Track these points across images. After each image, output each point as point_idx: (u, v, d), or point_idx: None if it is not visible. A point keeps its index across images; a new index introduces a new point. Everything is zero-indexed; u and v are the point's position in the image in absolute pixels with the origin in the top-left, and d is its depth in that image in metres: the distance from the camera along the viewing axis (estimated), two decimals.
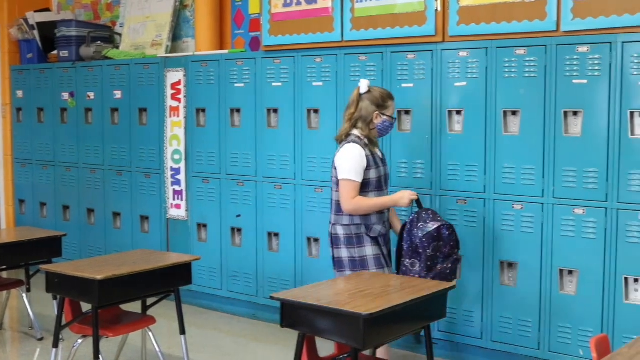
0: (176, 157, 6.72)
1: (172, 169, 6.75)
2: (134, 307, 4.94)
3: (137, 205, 7.06)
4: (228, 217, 6.41)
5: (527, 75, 4.83)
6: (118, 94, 7.11)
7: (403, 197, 4.57)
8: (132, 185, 7.07)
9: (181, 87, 6.63)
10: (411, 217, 4.58)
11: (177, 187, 6.73)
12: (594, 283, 4.68)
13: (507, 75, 4.91)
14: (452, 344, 5.25)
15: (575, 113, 4.71)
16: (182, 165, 6.69)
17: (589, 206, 4.67)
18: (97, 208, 7.41)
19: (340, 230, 4.61)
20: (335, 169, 4.57)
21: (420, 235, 4.49)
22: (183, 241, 6.72)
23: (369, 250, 4.58)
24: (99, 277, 4.33)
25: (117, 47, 7.58)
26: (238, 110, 6.30)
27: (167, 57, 6.84)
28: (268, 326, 6.15)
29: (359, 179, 4.50)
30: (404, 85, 5.34)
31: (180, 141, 6.68)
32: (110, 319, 4.75)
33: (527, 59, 4.83)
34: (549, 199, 4.80)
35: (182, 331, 4.92)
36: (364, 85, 4.62)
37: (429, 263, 4.48)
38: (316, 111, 5.84)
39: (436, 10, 5.18)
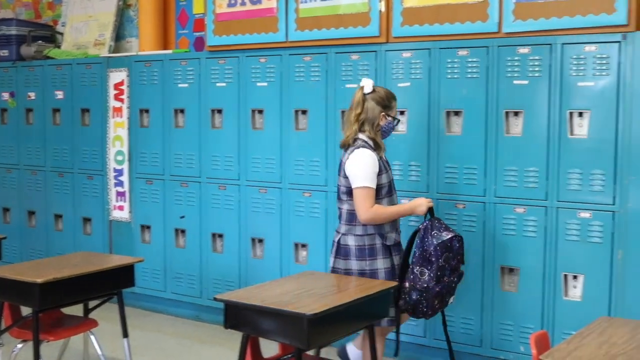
0: (119, 158, 6.65)
1: (115, 170, 6.68)
2: (76, 310, 4.86)
3: (79, 207, 6.97)
4: (172, 218, 6.36)
5: (469, 76, 4.88)
6: (60, 94, 7.01)
7: (421, 204, 4.34)
8: (74, 186, 6.98)
9: (124, 87, 6.57)
10: (425, 224, 4.33)
11: (120, 189, 6.66)
12: (534, 280, 4.75)
13: (449, 76, 4.96)
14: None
15: (516, 113, 4.77)
16: (125, 167, 6.62)
17: (529, 205, 4.74)
18: (38, 210, 7.29)
19: (351, 241, 4.32)
20: (346, 177, 4.27)
21: (435, 243, 4.25)
22: (126, 243, 6.65)
23: (381, 263, 4.33)
24: (39, 280, 4.25)
25: (59, 47, 7.48)
26: (182, 111, 6.26)
27: (110, 56, 6.77)
28: (212, 327, 6.11)
29: (374, 185, 4.23)
30: (347, 86, 5.36)
31: (124, 142, 6.61)
32: (51, 323, 4.68)
33: (470, 59, 4.88)
34: (490, 198, 4.85)
35: (125, 334, 4.87)
36: (368, 84, 4.34)
37: (438, 273, 4.26)
38: (260, 112, 5.83)
39: (380, 11, 5.21)
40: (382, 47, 5.23)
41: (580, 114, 4.56)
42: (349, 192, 4.29)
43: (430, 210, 4.38)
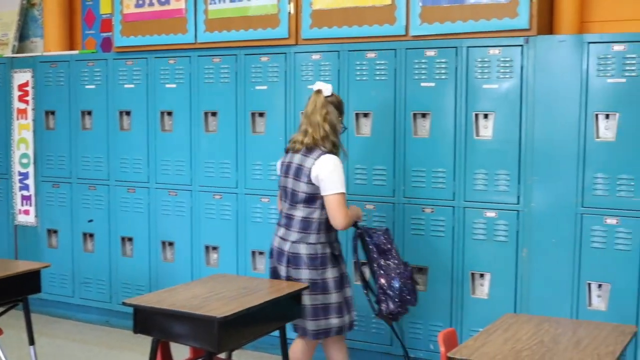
0: (24, 161, 6.49)
1: (20, 174, 6.52)
2: None
3: None
4: (80, 222, 6.25)
5: (377, 78, 4.94)
6: None
7: (354, 214, 4.31)
8: None
9: (29, 88, 6.42)
10: (359, 231, 4.37)
11: (25, 192, 6.51)
12: (442, 279, 4.84)
13: (358, 78, 5.00)
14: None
15: (423, 115, 4.85)
16: (30, 170, 6.47)
17: (437, 205, 4.82)
18: None
19: (303, 250, 4.20)
20: (310, 183, 4.15)
21: (381, 234, 4.35)
22: (32, 248, 6.50)
23: (330, 272, 4.24)
24: None
25: None
26: (89, 113, 6.15)
27: (13, 57, 6.61)
28: (122, 333, 6.03)
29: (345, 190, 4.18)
30: (257, 87, 5.36)
31: (29, 144, 6.46)
32: None
33: (378, 62, 4.94)
34: (399, 199, 4.92)
35: (31, 341, 4.75)
36: (328, 88, 4.27)
37: (400, 257, 4.39)
38: (170, 113, 5.78)
39: (289, 13, 5.22)
40: (291, 49, 5.25)
41: (486, 116, 4.67)
42: (310, 199, 4.19)
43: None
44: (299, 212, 4.23)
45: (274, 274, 4.38)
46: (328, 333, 4.30)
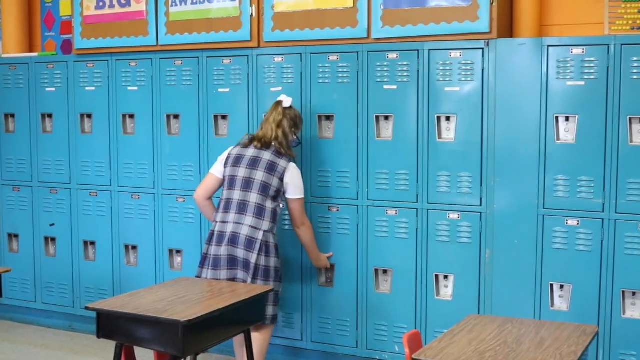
0: None
1: None
2: None
3: None
4: (41, 226, 6.18)
5: (340, 80, 4.95)
6: None
7: (322, 262, 4.96)
8: None
9: None
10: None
11: None
12: (407, 281, 4.86)
13: (321, 81, 5.01)
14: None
15: (386, 117, 4.87)
16: None
17: (400, 207, 4.84)
18: None
19: (272, 239, 4.60)
20: (282, 180, 4.60)
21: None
22: None
23: (274, 262, 4.64)
24: None
25: None
26: (50, 116, 6.09)
27: None
28: (86, 338, 5.98)
29: None
30: (220, 90, 5.35)
31: None
32: None
33: (340, 64, 4.95)
34: (363, 201, 4.94)
35: None
36: (288, 101, 4.73)
37: None
38: (132, 116, 5.74)
39: (251, 15, 5.21)
40: (253, 52, 5.24)
41: (448, 118, 4.70)
42: (277, 194, 4.61)
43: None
44: (270, 204, 4.60)
45: (230, 261, 4.54)
46: (276, 319, 4.64)
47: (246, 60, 5.26)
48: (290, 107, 4.73)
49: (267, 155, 4.62)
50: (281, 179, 4.59)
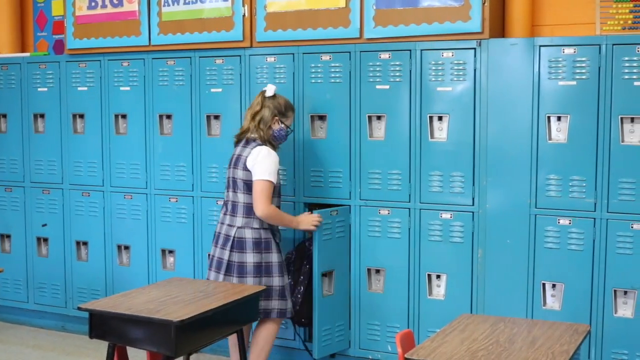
0: None
1: None
2: None
3: None
4: (33, 226, 6.17)
5: (332, 80, 4.96)
6: None
7: (306, 223, 4.68)
8: None
9: None
10: (309, 237, 4.93)
11: None
12: (399, 281, 4.87)
13: (313, 81, 5.02)
14: None
15: (379, 117, 4.88)
16: None
17: (393, 207, 4.85)
18: None
19: (248, 234, 4.50)
20: (247, 170, 4.48)
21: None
22: None
23: (275, 257, 4.57)
24: None
25: None
26: (42, 116, 6.08)
27: None
28: (79, 338, 5.97)
29: (275, 181, 4.50)
30: (213, 90, 5.34)
31: None
32: None
33: (333, 64, 4.96)
34: (355, 201, 4.94)
35: None
36: (270, 89, 4.63)
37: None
38: (124, 116, 5.74)
39: (244, 15, 5.21)
40: (246, 52, 5.24)
41: (440, 118, 4.71)
42: (248, 185, 4.49)
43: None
44: (242, 198, 4.53)
45: (211, 260, 4.65)
46: (268, 314, 4.55)
47: (239, 60, 5.26)
48: (274, 95, 4.63)
49: (238, 150, 4.61)
50: (245, 169, 4.50)
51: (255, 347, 4.62)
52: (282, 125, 4.64)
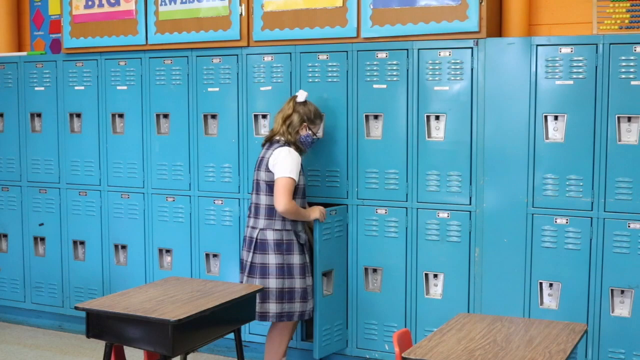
0: None
1: None
2: None
3: None
4: (30, 226, 6.17)
5: (330, 80, 4.96)
6: None
7: (315, 211, 4.68)
8: None
9: None
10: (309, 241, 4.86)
11: None
12: (397, 280, 4.87)
13: (310, 80, 5.01)
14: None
15: (376, 117, 4.88)
16: None
17: (390, 206, 4.85)
18: None
19: (270, 236, 4.58)
20: (269, 171, 4.57)
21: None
22: None
23: (297, 258, 4.63)
24: None
25: None
26: (39, 115, 6.07)
27: None
28: (76, 337, 5.97)
29: (297, 178, 4.56)
30: (210, 89, 5.34)
31: None
32: None
33: (330, 64, 4.96)
34: (353, 200, 4.94)
35: None
36: (302, 95, 4.70)
37: None
38: (121, 115, 5.73)
39: (241, 15, 5.21)
40: (243, 51, 5.24)
41: (437, 117, 4.71)
42: (271, 186, 4.56)
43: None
44: (264, 200, 4.61)
45: (242, 265, 4.70)
46: (291, 317, 4.61)
47: (236, 60, 5.26)
48: (305, 102, 4.71)
49: (263, 152, 4.69)
50: (267, 170, 4.59)
51: (268, 354, 4.72)
52: (310, 132, 4.70)
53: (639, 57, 4.24)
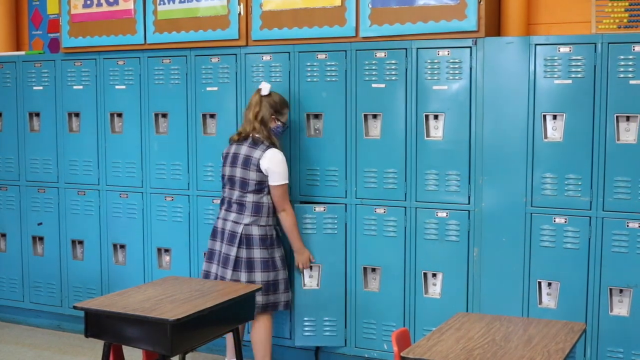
0: None
1: None
2: None
3: None
4: (29, 225, 6.16)
5: (328, 79, 4.96)
6: None
7: (304, 258, 4.93)
8: None
9: None
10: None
11: None
12: (396, 279, 4.87)
13: (309, 80, 5.01)
14: None
15: (374, 116, 4.88)
16: None
17: (389, 205, 4.85)
18: None
19: (255, 231, 4.71)
20: (259, 171, 4.69)
21: None
22: None
23: (277, 252, 4.83)
24: None
25: None
26: (37, 114, 6.07)
27: None
28: (74, 337, 5.97)
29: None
30: (208, 88, 5.34)
31: None
32: None
33: (329, 63, 4.96)
34: (351, 199, 4.94)
35: None
36: (265, 88, 4.78)
37: None
38: (120, 115, 5.73)
39: (239, 14, 5.21)
40: (242, 50, 5.24)
41: (436, 117, 4.71)
42: (259, 186, 4.72)
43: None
44: (251, 197, 4.72)
45: (218, 256, 4.78)
46: (276, 306, 4.80)
47: (234, 59, 5.26)
48: (270, 93, 4.79)
49: (243, 150, 4.75)
50: (258, 170, 4.69)
51: (260, 345, 4.76)
52: (279, 123, 4.80)
53: (638, 57, 4.24)
